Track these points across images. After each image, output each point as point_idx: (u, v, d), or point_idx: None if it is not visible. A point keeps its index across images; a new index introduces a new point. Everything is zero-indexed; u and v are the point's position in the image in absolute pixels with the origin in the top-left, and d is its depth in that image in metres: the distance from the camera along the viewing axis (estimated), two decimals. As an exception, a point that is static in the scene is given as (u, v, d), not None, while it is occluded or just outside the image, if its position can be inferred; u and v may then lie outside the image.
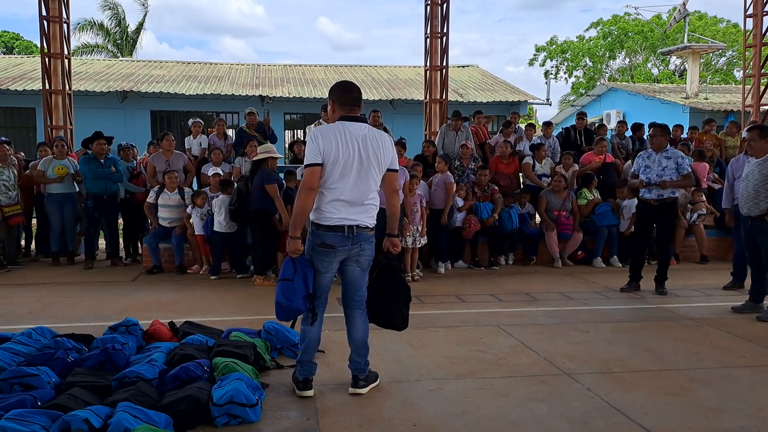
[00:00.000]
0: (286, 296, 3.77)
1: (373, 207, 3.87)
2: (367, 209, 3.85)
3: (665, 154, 7.03)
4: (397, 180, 3.99)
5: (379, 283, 4.02)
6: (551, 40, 36.73)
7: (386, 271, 4.04)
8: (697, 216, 9.42)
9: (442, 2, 12.19)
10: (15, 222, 8.69)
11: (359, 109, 3.88)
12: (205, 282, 7.96)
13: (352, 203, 3.77)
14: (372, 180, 3.82)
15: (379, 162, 3.81)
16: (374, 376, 4.15)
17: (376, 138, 3.83)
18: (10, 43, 35.84)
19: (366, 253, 3.92)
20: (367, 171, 3.77)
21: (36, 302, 6.76)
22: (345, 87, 3.89)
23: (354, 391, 4.02)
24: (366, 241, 3.89)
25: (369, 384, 4.07)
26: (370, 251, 3.95)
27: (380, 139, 3.84)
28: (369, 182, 3.80)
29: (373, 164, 3.78)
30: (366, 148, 3.76)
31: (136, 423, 3.20)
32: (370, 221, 3.88)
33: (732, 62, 33.41)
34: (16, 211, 8.65)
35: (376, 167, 3.80)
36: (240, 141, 9.78)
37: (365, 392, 4.02)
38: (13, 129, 17.93)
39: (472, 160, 9.50)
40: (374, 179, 3.83)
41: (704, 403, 3.93)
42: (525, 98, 20.09)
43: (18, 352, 4.41)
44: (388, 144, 3.87)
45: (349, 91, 3.86)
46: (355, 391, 4.02)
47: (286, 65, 23.91)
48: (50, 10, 10.79)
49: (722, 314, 6.26)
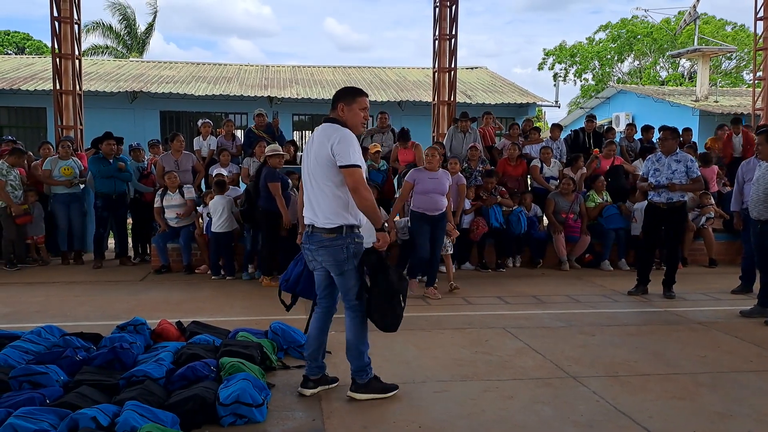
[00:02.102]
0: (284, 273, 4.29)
1: (321, 208, 3.71)
2: (317, 210, 3.73)
3: (675, 157, 7.00)
4: (353, 176, 3.61)
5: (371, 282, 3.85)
6: (560, 45, 36.70)
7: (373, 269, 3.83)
8: (706, 219, 9.37)
9: (451, 4, 12.18)
10: (22, 221, 8.75)
11: (333, 110, 3.83)
12: (212, 282, 8.00)
13: (308, 203, 3.83)
14: (315, 179, 3.73)
15: (317, 157, 3.70)
16: (379, 388, 3.99)
17: (323, 134, 3.71)
18: (22, 43, 36.09)
19: (323, 257, 3.77)
20: (311, 170, 3.77)
21: (45, 301, 6.82)
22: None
23: (349, 394, 3.96)
24: (319, 246, 3.75)
25: (369, 393, 3.94)
26: (328, 256, 3.74)
27: (325, 135, 3.69)
28: (314, 181, 3.74)
29: (311, 162, 3.76)
30: (312, 147, 3.77)
31: (143, 422, 3.23)
32: (320, 223, 3.72)
33: (741, 65, 33.22)
34: (24, 211, 8.71)
35: (314, 165, 3.73)
36: (249, 142, 9.85)
37: (360, 398, 3.92)
38: (24, 129, 18.07)
39: (480, 162, 9.50)
40: (317, 178, 3.71)
41: (711, 407, 3.92)
42: (534, 100, 20.03)
43: (27, 350, 4.45)
44: (327, 139, 3.65)
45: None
46: (350, 395, 3.95)
47: (294, 66, 23.98)
48: (61, 11, 10.85)
49: (730, 318, 6.24)
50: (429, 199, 6.83)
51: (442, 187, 6.88)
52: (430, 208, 6.84)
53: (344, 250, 3.72)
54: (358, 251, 3.77)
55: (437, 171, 6.92)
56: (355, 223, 3.77)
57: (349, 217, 3.73)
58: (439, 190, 6.86)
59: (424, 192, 6.84)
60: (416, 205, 6.92)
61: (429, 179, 6.83)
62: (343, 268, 3.76)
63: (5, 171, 8.55)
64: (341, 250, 3.72)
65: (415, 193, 6.89)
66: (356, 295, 3.83)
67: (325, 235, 3.72)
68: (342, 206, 3.70)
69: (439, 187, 6.86)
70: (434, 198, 6.83)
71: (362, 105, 3.81)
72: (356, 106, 3.79)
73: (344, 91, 3.88)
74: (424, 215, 6.87)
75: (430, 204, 6.83)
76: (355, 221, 3.76)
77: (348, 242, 3.73)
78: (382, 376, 4.19)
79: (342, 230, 3.71)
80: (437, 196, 6.84)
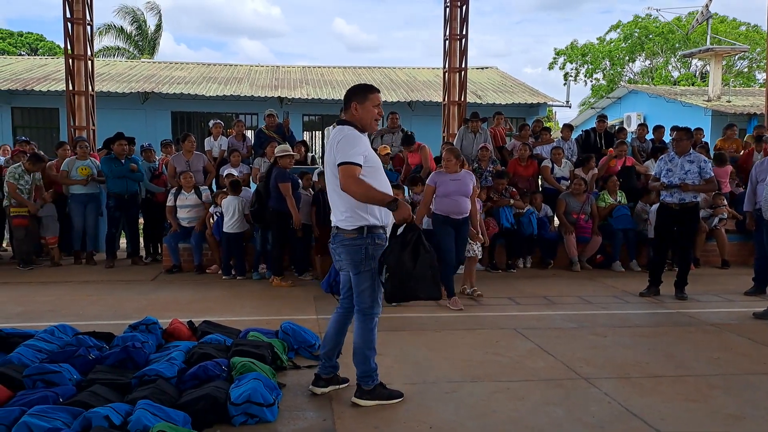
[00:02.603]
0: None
1: (341, 210, 3.73)
2: (337, 211, 3.78)
3: (688, 158, 6.96)
4: (343, 173, 3.58)
5: (413, 256, 3.71)
6: (571, 44, 36.54)
7: (414, 244, 3.69)
8: (718, 220, 9.30)
9: (462, 4, 12.18)
10: (17, 223, 8.78)
11: (343, 112, 3.87)
12: (223, 282, 8.03)
13: (331, 204, 3.87)
14: (329, 182, 3.81)
15: (330, 163, 3.75)
16: (385, 395, 3.93)
17: (332, 138, 3.76)
18: (35, 44, 36.40)
19: (342, 256, 3.80)
20: (327, 173, 3.84)
21: (57, 300, 6.87)
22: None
23: (353, 400, 3.90)
24: (340, 245, 3.77)
25: (374, 400, 3.88)
26: (346, 255, 3.76)
27: (333, 139, 3.73)
28: (330, 184, 3.81)
29: (328, 164, 3.79)
30: (328, 151, 3.81)
31: (155, 420, 3.25)
32: (341, 223, 3.75)
33: (754, 65, 32.96)
34: (22, 213, 8.75)
35: (328, 168, 3.79)
36: (259, 142, 9.87)
37: (364, 405, 3.86)
38: (37, 129, 18.22)
39: (490, 163, 9.48)
40: (330, 181, 3.80)
41: (723, 409, 3.89)
42: (544, 100, 19.96)
43: (41, 349, 4.48)
44: (334, 142, 3.68)
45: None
46: (354, 401, 3.89)
47: (304, 67, 24.06)
48: (74, 13, 10.95)
49: (743, 320, 6.19)
50: (452, 202, 6.52)
51: (466, 188, 6.55)
52: (454, 211, 6.52)
53: (362, 251, 3.71)
54: (376, 253, 3.74)
55: (459, 172, 6.60)
56: (377, 224, 3.73)
57: (368, 217, 3.70)
58: (462, 191, 6.54)
59: (446, 194, 6.53)
60: (439, 209, 6.61)
61: (451, 181, 6.54)
62: (359, 269, 3.74)
63: (17, 175, 8.64)
64: (359, 251, 3.71)
65: (437, 196, 6.61)
66: (369, 299, 3.79)
67: (346, 235, 3.73)
68: (357, 207, 3.68)
69: (462, 189, 6.54)
70: (457, 200, 6.51)
71: (375, 102, 3.80)
72: (369, 103, 3.77)
73: (356, 88, 3.86)
74: (447, 218, 6.55)
75: (454, 207, 6.52)
76: (376, 221, 3.72)
77: (368, 243, 3.71)
78: (392, 377, 4.20)
79: (363, 231, 3.70)
80: (461, 199, 6.53)
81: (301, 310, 6.42)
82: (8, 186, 8.63)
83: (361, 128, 3.75)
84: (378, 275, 3.73)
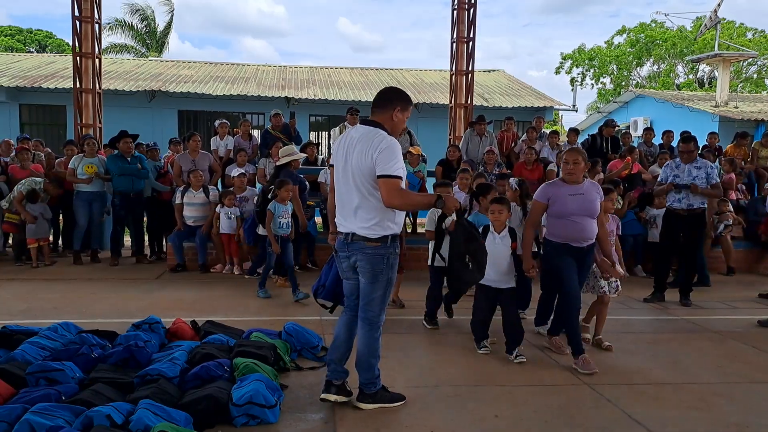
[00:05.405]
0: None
1: (366, 217, 3.61)
2: (360, 218, 3.62)
3: (695, 164, 6.96)
4: (386, 186, 3.47)
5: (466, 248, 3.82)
6: (579, 48, 36.50)
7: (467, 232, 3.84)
8: (724, 227, 9.26)
9: (469, 7, 12.15)
10: (6, 229, 8.99)
11: (376, 112, 3.71)
12: (227, 281, 8.03)
13: (341, 209, 3.76)
14: (354, 186, 3.62)
15: (360, 166, 3.56)
16: (387, 398, 3.93)
17: (365, 140, 3.57)
18: (44, 41, 36.59)
19: (360, 263, 3.69)
20: (349, 176, 3.64)
21: (61, 297, 6.88)
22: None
23: (355, 404, 3.87)
24: (360, 252, 3.66)
25: (376, 403, 3.87)
26: (366, 263, 3.66)
27: (367, 142, 3.55)
28: (351, 189, 3.64)
29: (352, 169, 3.61)
30: (353, 152, 3.61)
31: (156, 420, 3.25)
32: (363, 231, 3.62)
33: (762, 71, 32.84)
34: (14, 221, 8.82)
35: (357, 172, 3.59)
36: (265, 142, 9.88)
37: (366, 408, 3.84)
38: (44, 126, 18.27)
39: (496, 166, 9.46)
40: (357, 186, 3.60)
41: (727, 417, 3.87)
42: (551, 104, 19.92)
43: (44, 346, 4.49)
44: (371, 147, 3.52)
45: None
46: (356, 404, 3.87)
47: (311, 67, 24.06)
48: (83, 11, 10.97)
49: (748, 328, 6.16)
50: (572, 225, 4.83)
51: (591, 206, 4.84)
52: (575, 237, 4.84)
53: (384, 260, 3.66)
54: (395, 262, 3.73)
55: (582, 184, 4.90)
56: (398, 232, 3.71)
57: (394, 226, 3.67)
58: (587, 210, 4.83)
59: (562, 215, 4.84)
60: (553, 233, 4.94)
61: (570, 196, 4.83)
62: (378, 277, 3.69)
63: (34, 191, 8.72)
64: (381, 260, 3.66)
65: (551, 217, 4.94)
66: (378, 308, 3.76)
67: (368, 243, 3.63)
68: (388, 216, 3.62)
69: (587, 206, 4.82)
70: (580, 223, 4.82)
71: (409, 114, 3.77)
72: (407, 114, 3.74)
73: (403, 94, 3.76)
74: (567, 247, 4.87)
75: (574, 231, 4.83)
76: (398, 229, 3.72)
77: (390, 252, 3.68)
78: (395, 380, 4.19)
79: (387, 240, 3.66)
80: (585, 220, 4.83)
81: (305, 311, 6.42)
82: (17, 194, 8.64)
83: (390, 133, 3.65)
84: (461, 262, 3.88)
